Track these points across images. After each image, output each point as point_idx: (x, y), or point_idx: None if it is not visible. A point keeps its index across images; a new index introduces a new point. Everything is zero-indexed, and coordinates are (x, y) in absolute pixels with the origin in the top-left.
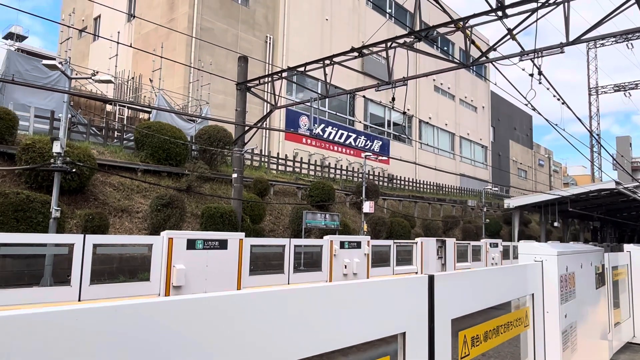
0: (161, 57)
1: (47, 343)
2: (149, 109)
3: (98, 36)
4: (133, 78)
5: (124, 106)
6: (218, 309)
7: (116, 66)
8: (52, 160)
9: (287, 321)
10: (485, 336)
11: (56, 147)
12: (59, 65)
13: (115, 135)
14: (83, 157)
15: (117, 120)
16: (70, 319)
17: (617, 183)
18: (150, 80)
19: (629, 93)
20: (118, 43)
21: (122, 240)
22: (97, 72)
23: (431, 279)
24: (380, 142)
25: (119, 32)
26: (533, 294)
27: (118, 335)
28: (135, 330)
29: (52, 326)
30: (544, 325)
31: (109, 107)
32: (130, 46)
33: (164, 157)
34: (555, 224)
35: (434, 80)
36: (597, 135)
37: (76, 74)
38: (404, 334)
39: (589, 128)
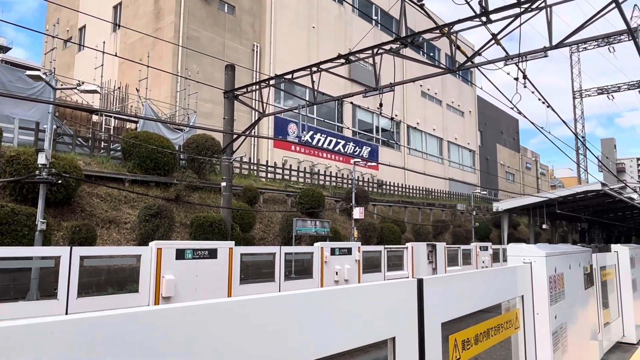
0: (147, 66)
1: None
2: (136, 119)
3: (83, 46)
4: (119, 88)
5: (111, 116)
6: (201, 318)
7: (102, 76)
8: (37, 172)
9: (275, 328)
10: (476, 339)
11: (41, 159)
12: (43, 76)
13: (102, 146)
14: (69, 168)
15: (103, 130)
16: (51, 332)
17: (603, 184)
18: (137, 90)
19: (612, 96)
20: (104, 53)
21: (110, 252)
22: (83, 83)
23: (420, 282)
24: (369, 148)
25: (104, 42)
26: (523, 296)
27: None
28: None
29: (34, 339)
30: (534, 326)
31: (95, 118)
32: (116, 55)
33: (151, 167)
34: (544, 226)
35: (420, 85)
36: (582, 137)
37: (61, 85)
38: (393, 339)
39: (574, 131)
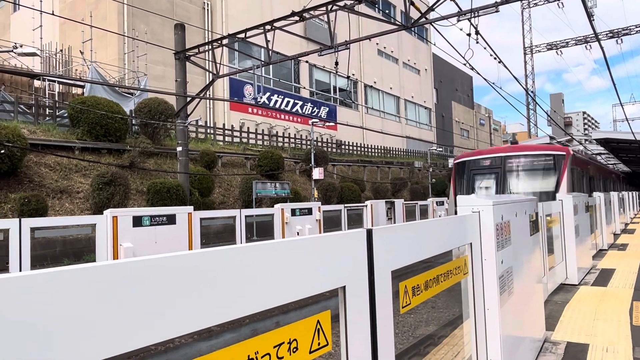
0: (91, 26)
1: None
2: (82, 83)
3: (19, 5)
4: (62, 51)
5: (54, 81)
6: (149, 274)
7: (41, 38)
8: None
9: (233, 280)
10: (426, 285)
11: None
12: None
13: (47, 113)
14: (12, 137)
15: (47, 96)
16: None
17: (552, 138)
18: (81, 53)
19: (560, 51)
20: (41, 12)
21: (62, 222)
22: (21, 45)
23: (369, 232)
24: (327, 109)
25: (41, 1)
26: (471, 243)
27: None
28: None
29: None
30: (482, 271)
31: (37, 83)
32: (53, 14)
33: (102, 133)
34: None
35: (377, 44)
36: (533, 93)
37: None
38: (344, 287)
39: (524, 87)
